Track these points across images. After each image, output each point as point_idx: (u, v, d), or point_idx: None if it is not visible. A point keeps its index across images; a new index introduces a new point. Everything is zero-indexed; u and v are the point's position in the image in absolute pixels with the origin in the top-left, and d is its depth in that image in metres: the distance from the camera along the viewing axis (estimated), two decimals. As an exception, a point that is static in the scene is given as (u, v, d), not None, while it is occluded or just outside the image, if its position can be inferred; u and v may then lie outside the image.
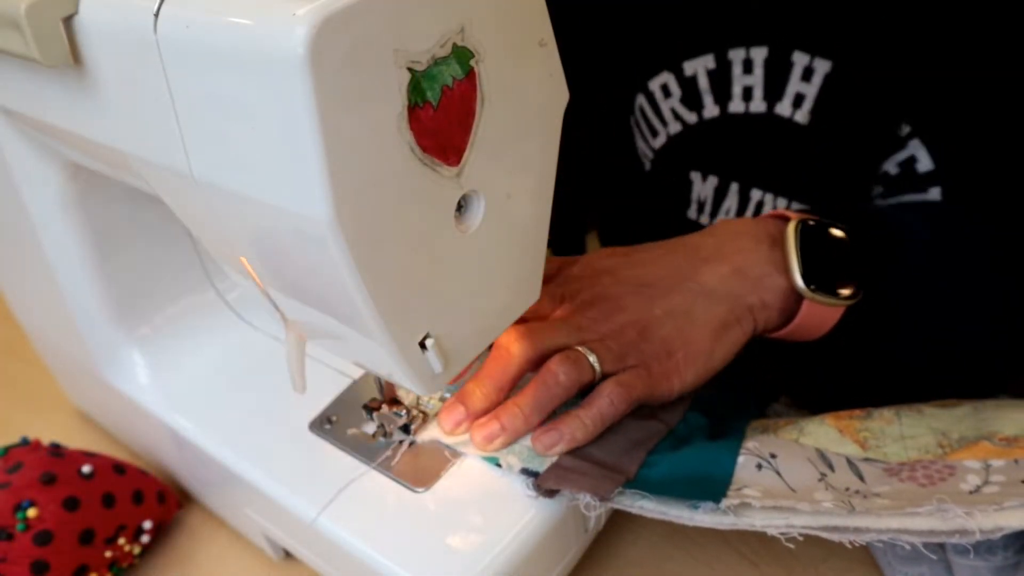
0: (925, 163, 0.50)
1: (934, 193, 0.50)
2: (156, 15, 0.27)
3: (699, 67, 0.56)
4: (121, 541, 0.49)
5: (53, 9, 0.30)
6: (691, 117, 0.58)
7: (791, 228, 0.45)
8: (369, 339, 0.32)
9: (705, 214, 0.61)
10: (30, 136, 0.44)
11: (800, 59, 0.51)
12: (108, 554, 0.48)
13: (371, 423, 0.44)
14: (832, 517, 0.36)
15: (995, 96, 0.47)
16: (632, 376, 0.42)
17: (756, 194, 0.58)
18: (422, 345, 0.33)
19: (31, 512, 0.46)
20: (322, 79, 0.24)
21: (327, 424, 0.47)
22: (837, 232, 0.46)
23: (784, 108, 0.53)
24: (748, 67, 0.54)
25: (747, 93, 0.55)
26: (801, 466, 0.41)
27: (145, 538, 0.50)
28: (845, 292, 0.45)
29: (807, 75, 0.51)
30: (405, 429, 0.43)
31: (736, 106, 0.55)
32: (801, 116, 0.52)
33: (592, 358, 0.42)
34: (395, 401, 0.43)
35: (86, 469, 0.49)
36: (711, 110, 0.57)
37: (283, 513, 0.44)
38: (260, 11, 0.24)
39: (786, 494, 0.38)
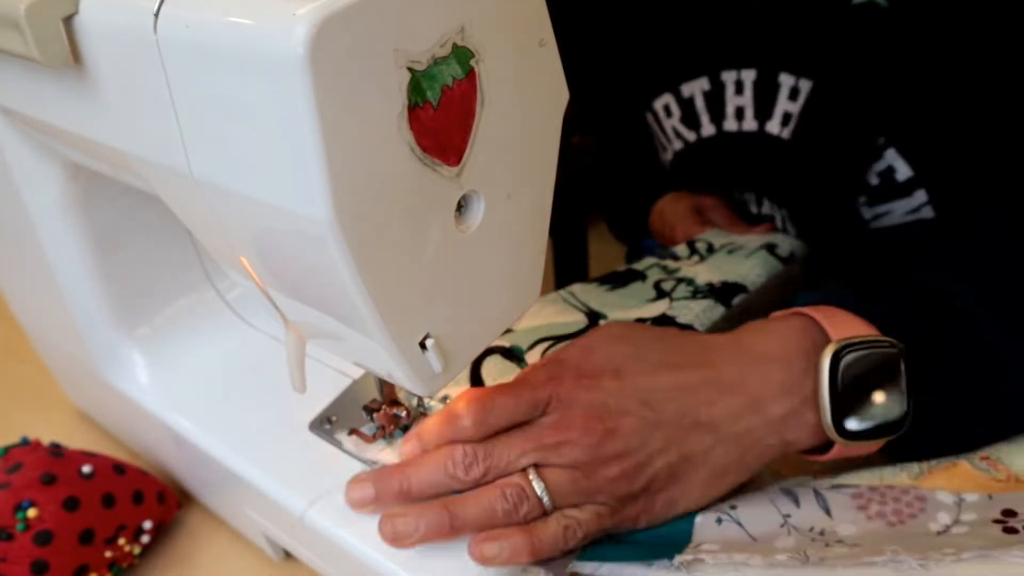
0: (904, 171, 0.52)
1: (919, 196, 0.52)
2: (156, 15, 0.27)
3: (696, 89, 0.60)
4: (121, 541, 0.49)
5: (53, 9, 0.30)
6: (690, 136, 0.62)
7: (826, 359, 0.38)
8: (369, 339, 0.32)
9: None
10: (30, 136, 0.44)
11: (786, 80, 0.55)
12: (108, 554, 0.48)
13: (371, 423, 0.44)
14: (785, 570, 0.34)
15: (965, 100, 0.49)
16: (591, 515, 0.38)
17: (753, 209, 0.63)
18: (422, 345, 0.33)
19: (31, 512, 0.46)
20: (322, 79, 0.24)
21: (327, 424, 0.47)
22: (884, 350, 0.38)
23: (773, 126, 0.56)
24: (739, 88, 0.57)
25: (739, 113, 0.58)
26: (763, 511, 0.38)
27: (145, 538, 0.50)
28: (886, 433, 0.39)
29: (793, 95, 0.54)
30: (405, 429, 0.43)
31: (730, 125, 0.59)
32: (788, 133, 0.56)
33: (542, 493, 0.37)
34: (395, 401, 0.43)
35: (86, 469, 0.49)
36: (708, 129, 0.61)
37: (283, 513, 0.44)
38: (260, 11, 0.24)
39: (746, 545, 0.37)
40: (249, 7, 0.25)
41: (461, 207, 0.31)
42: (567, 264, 0.87)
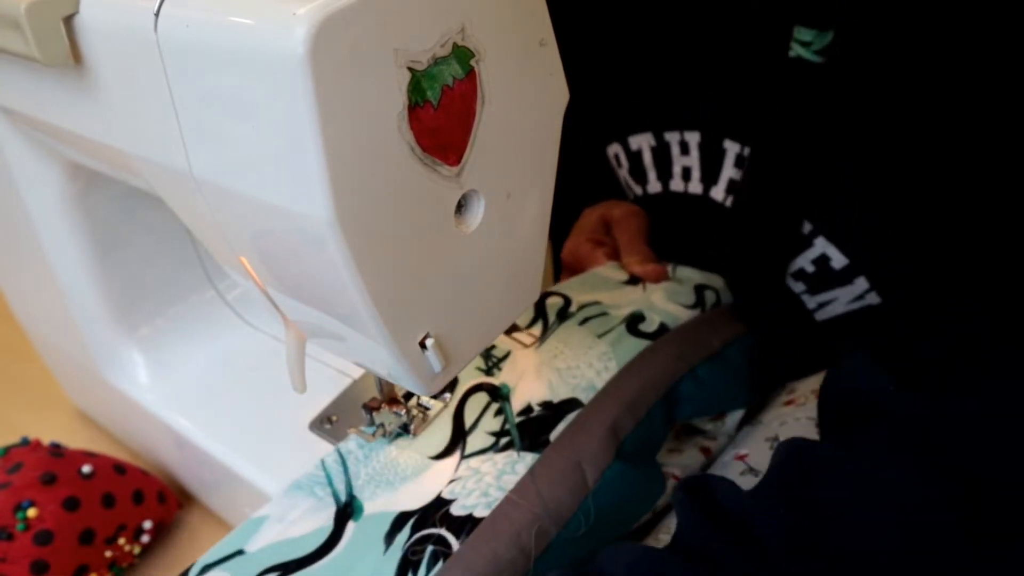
0: (838, 259, 0.48)
1: (860, 283, 0.48)
2: (156, 14, 0.27)
3: (643, 143, 0.57)
4: (121, 541, 0.49)
5: (53, 9, 0.30)
6: (638, 190, 0.59)
7: None
8: (369, 339, 0.32)
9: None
10: (30, 136, 0.44)
11: (731, 147, 0.51)
12: (108, 554, 0.48)
13: (371, 423, 0.44)
14: None
15: (898, 178, 0.45)
16: None
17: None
18: (422, 345, 0.33)
19: (31, 512, 0.46)
20: (322, 79, 0.24)
21: (327, 424, 0.47)
22: None
23: (718, 193, 0.53)
24: (685, 149, 0.54)
25: (686, 173, 0.55)
26: None
27: (145, 538, 0.50)
28: None
29: (739, 162, 0.51)
30: (405, 429, 0.43)
31: (676, 185, 0.56)
32: (731, 202, 0.53)
33: None
34: (395, 401, 0.43)
35: (86, 469, 0.49)
36: (654, 186, 0.58)
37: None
38: (260, 11, 0.24)
39: None
40: (249, 7, 0.25)
41: (461, 207, 0.31)
42: (561, 274, 0.86)
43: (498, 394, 0.43)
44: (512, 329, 0.48)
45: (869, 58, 0.43)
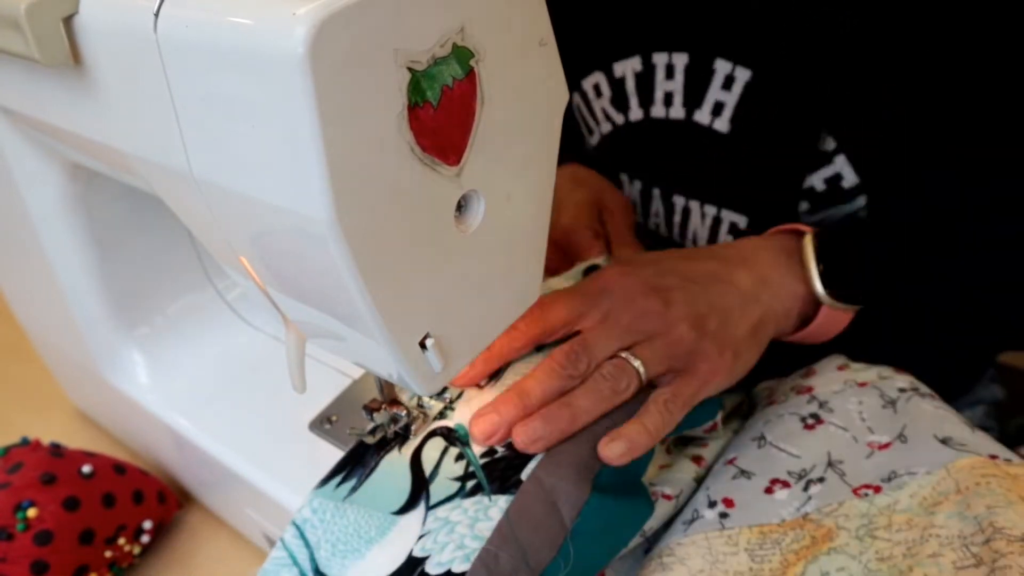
0: (850, 178, 0.51)
1: (859, 202, 0.52)
2: (156, 15, 0.27)
3: (627, 69, 0.57)
4: (121, 541, 0.49)
5: (53, 9, 0.30)
6: (619, 118, 0.59)
7: (808, 240, 0.47)
8: (369, 339, 0.32)
9: (636, 215, 0.61)
10: (30, 136, 0.44)
11: (722, 67, 0.52)
12: (108, 554, 0.48)
13: (371, 423, 0.44)
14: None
15: (916, 108, 0.48)
16: (682, 385, 0.42)
17: (679, 200, 0.58)
18: (422, 345, 0.33)
19: (31, 512, 0.46)
20: (322, 79, 0.24)
21: (327, 424, 0.47)
22: (846, 241, 0.48)
23: (703, 116, 0.54)
24: (670, 72, 0.55)
25: (668, 98, 0.55)
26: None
27: (145, 538, 0.50)
28: (860, 298, 0.47)
29: (728, 83, 0.52)
30: (405, 429, 0.43)
31: (657, 111, 0.56)
32: (721, 124, 0.53)
33: (638, 364, 0.42)
34: (395, 401, 0.43)
35: (86, 469, 0.49)
36: (636, 112, 0.58)
37: (283, 513, 0.44)
38: (260, 11, 0.24)
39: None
40: (249, 7, 0.25)
41: (461, 207, 0.31)
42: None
43: (455, 437, 0.41)
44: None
45: None
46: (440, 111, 0.28)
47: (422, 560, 0.36)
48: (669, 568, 0.39)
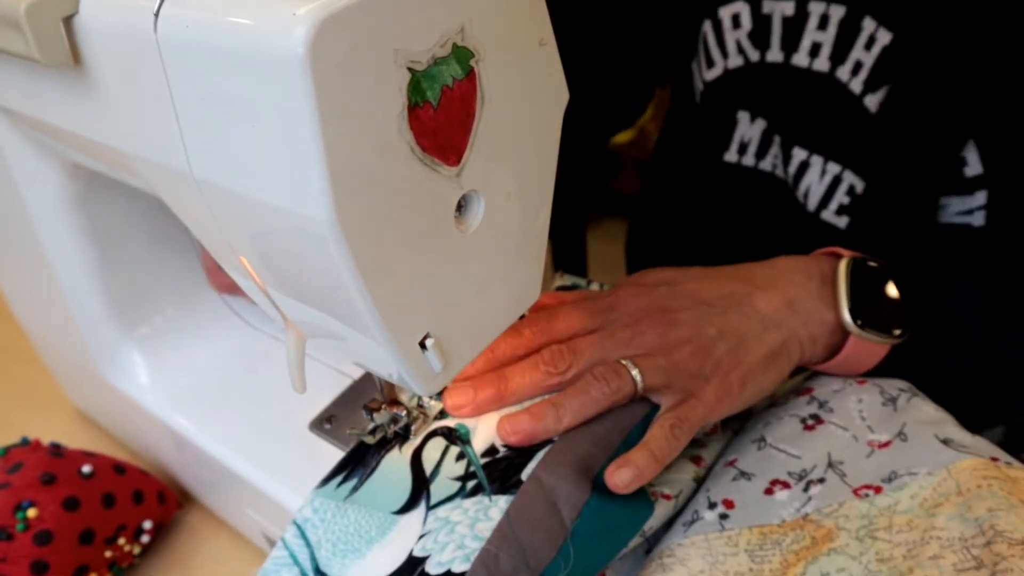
0: (974, 167, 0.49)
1: (979, 197, 0.50)
2: (156, 15, 0.27)
3: (777, 8, 0.55)
4: (121, 541, 0.49)
5: (53, 9, 0.30)
6: (754, 55, 0.57)
7: (843, 266, 0.46)
8: (369, 339, 0.32)
9: (748, 156, 0.60)
10: (30, 136, 0.44)
11: (868, 25, 0.51)
12: (108, 554, 0.48)
13: (371, 423, 0.44)
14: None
15: None
16: (688, 409, 0.41)
17: (800, 152, 0.56)
18: (422, 345, 0.33)
19: (31, 512, 0.46)
20: (322, 79, 0.24)
21: (327, 424, 0.47)
22: (885, 273, 0.46)
23: (844, 73, 0.52)
24: (824, 23, 0.53)
25: (815, 49, 0.54)
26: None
27: (145, 538, 0.50)
28: (895, 332, 0.46)
29: (869, 44, 0.51)
30: (405, 429, 0.43)
31: (800, 59, 0.54)
32: (856, 85, 0.52)
33: (635, 372, 0.41)
34: (395, 401, 0.43)
35: (86, 469, 0.49)
36: (775, 54, 0.56)
37: (283, 513, 0.44)
38: (260, 11, 0.24)
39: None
40: (249, 7, 0.25)
41: (461, 207, 0.31)
42: (567, 264, 0.87)
43: (456, 437, 0.41)
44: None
45: None
46: (440, 111, 0.28)
47: (422, 560, 0.36)
48: (669, 569, 0.39)
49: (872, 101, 0.51)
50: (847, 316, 0.45)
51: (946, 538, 0.35)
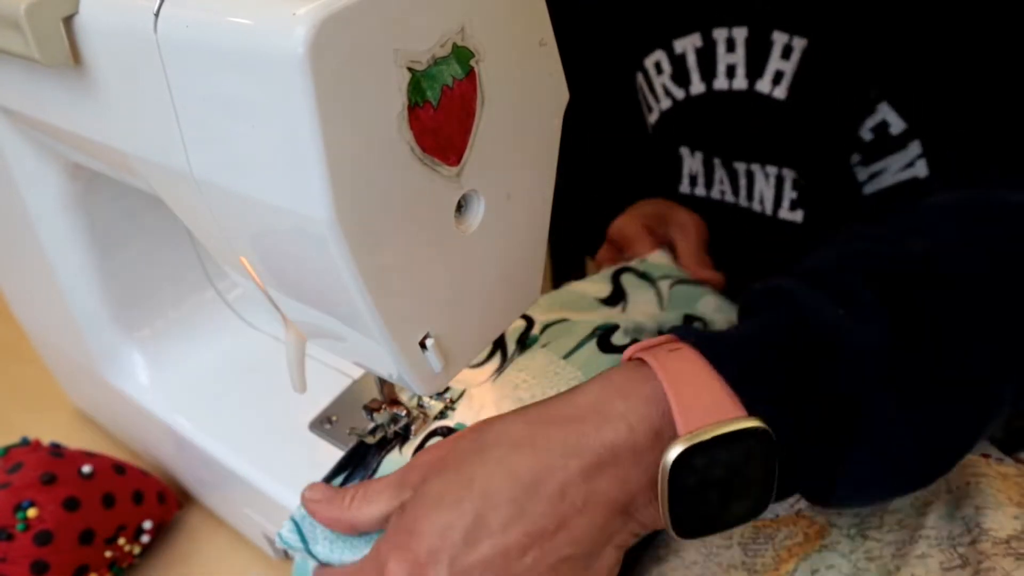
0: (897, 124, 0.51)
1: (913, 148, 0.51)
2: (156, 15, 0.27)
3: (687, 45, 0.58)
4: (121, 541, 0.49)
5: (53, 9, 0.30)
6: (679, 93, 0.60)
7: (665, 466, 0.31)
8: (369, 339, 0.32)
9: (699, 186, 0.63)
10: (30, 136, 0.44)
11: (779, 38, 0.53)
12: (108, 554, 0.48)
13: (371, 423, 0.44)
14: None
15: (957, 46, 0.48)
16: None
17: (740, 166, 0.59)
18: (422, 345, 0.33)
19: (31, 512, 0.46)
20: (322, 79, 0.24)
21: (327, 424, 0.47)
22: (741, 447, 0.32)
23: (764, 85, 0.55)
24: (731, 46, 0.56)
25: (730, 71, 0.56)
26: None
27: (145, 538, 0.50)
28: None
29: (786, 53, 0.53)
30: (405, 429, 0.43)
31: (720, 83, 0.57)
32: (780, 92, 0.54)
33: None
34: (395, 401, 0.43)
35: (86, 469, 0.49)
36: (697, 87, 0.59)
37: (283, 513, 0.44)
38: (260, 11, 0.24)
39: None
40: (249, 7, 0.25)
41: (461, 207, 0.31)
42: (567, 264, 0.87)
43: None
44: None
45: None
46: (440, 111, 0.28)
47: None
48: (664, 560, 0.39)
49: (794, 100, 0.54)
50: (672, 531, 0.33)
51: (934, 537, 0.36)
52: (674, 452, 0.31)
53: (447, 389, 0.43)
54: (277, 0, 0.24)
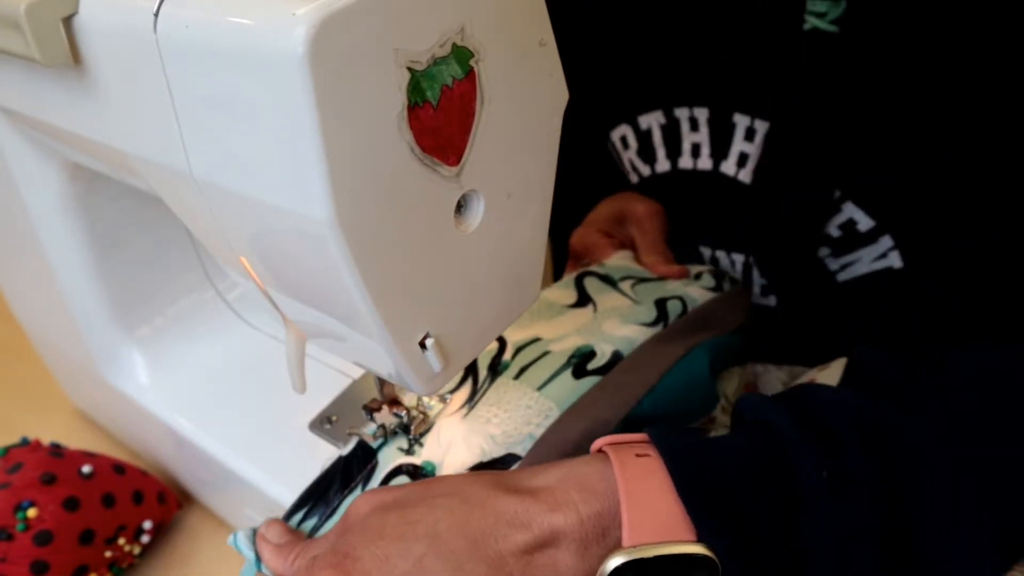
0: (865, 222, 0.49)
1: (884, 242, 0.49)
2: (156, 15, 0.27)
3: (653, 122, 0.57)
4: (121, 541, 0.49)
5: (53, 9, 0.30)
6: (646, 170, 0.59)
7: (603, 573, 0.32)
8: (369, 339, 0.32)
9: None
10: (30, 136, 0.44)
11: (741, 120, 0.52)
12: (108, 554, 0.48)
13: (371, 423, 0.44)
14: None
15: (922, 140, 0.45)
16: None
17: (706, 251, 0.57)
18: (422, 345, 0.33)
19: (31, 512, 0.46)
20: (322, 79, 0.24)
21: (327, 424, 0.47)
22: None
23: (729, 167, 0.53)
24: (694, 125, 0.54)
25: (695, 150, 0.55)
26: None
27: (145, 538, 0.50)
28: None
29: (749, 135, 0.51)
30: (405, 429, 0.43)
31: (685, 162, 0.56)
32: (745, 175, 0.52)
33: None
34: (395, 401, 0.43)
35: (86, 469, 0.49)
36: (663, 164, 0.57)
37: (283, 513, 0.44)
38: (260, 11, 0.24)
39: None
40: (249, 7, 0.25)
41: (461, 207, 0.31)
42: (567, 264, 0.87)
43: (422, 475, 0.39)
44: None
45: (883, 25, 0.44)
46: (440, 111, 0.28)
47: None
48: None
49: (758, 184, 0.52)
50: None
51: None
52: (613, 562, 0.31)
53: (367, 471, 0.41)
54: (277, 0, 0.24)
